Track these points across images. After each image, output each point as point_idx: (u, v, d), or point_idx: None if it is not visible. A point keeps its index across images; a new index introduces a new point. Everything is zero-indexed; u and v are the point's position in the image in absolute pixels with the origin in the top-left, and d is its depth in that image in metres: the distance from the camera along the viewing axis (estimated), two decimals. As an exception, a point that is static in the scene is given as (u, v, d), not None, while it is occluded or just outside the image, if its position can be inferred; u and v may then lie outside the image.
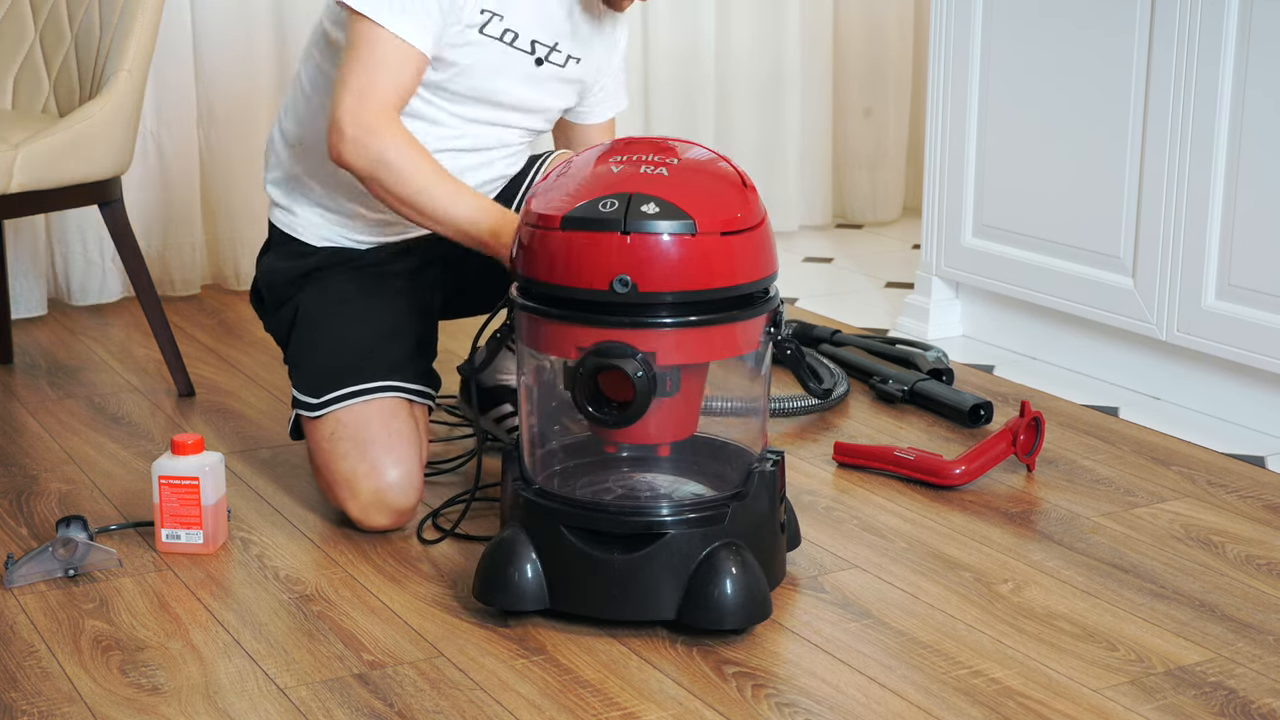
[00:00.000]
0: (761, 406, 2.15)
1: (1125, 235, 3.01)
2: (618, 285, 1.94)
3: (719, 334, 2.02)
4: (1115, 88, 2.98)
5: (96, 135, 2.86)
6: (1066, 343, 3.22)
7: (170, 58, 3.66)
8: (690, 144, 2.13)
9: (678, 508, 2.05)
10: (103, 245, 3.67)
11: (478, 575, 2.08)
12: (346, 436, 2.35)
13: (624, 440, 2.10)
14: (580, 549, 2.02)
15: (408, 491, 2.35)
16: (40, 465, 2.67)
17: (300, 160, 2.48)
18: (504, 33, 2.34)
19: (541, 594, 2.04)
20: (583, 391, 1.97)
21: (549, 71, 2.42)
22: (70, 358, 3.31)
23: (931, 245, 3.43)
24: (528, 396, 2.16)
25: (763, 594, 2.03)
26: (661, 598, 2.02)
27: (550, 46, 2.40)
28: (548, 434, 2.20)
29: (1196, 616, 2.12)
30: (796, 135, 4.41)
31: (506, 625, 2.07)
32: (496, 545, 2.07)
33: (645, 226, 1.94)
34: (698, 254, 1.96)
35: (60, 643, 2.04)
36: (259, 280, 2.56)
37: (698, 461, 2.20)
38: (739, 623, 2.01)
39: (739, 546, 2.03)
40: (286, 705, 1.88)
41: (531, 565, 2.04)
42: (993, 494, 2.54)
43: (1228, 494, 2.54)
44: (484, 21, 2.32)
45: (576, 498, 2.10)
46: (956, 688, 1.93)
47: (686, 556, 2.02)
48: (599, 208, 1.96)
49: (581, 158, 2.09)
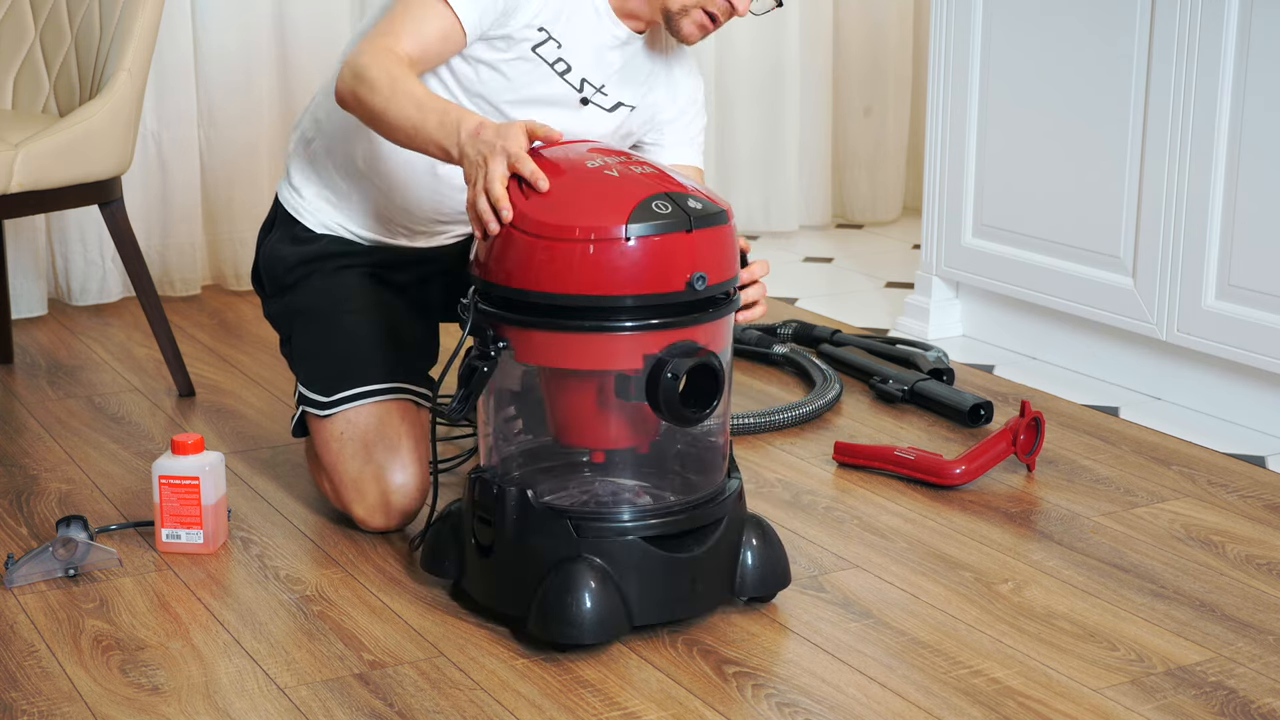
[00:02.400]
0: None
1: (1125, 235, 3.01)
2: (696, 283, 1.94)
3: (726, 324, 2.05)
4: (1115, 87, 2.98)
5: (96, 135, 2.86)
6: (1066, 343, 3.22)
7: (170, 58, 3.65)
8: (594, 141, 2.15)
9: (720, 493, 2.08)
10: (103, 245, 3.67)
11: (539, 612, 1.99)
12: (355, 437, 2.34)
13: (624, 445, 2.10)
14: (660, 555, 2.02)
15: (414, 495, 2.35)
16: (40, 465, 2.67)
17: (319, 144, 2.45)
18: (556, 60, 2.29)
19: (621, 617, 2.00)
20: (670, 395, 1.95)
21: (593, 113, 2.36)
22: (70, 358, 3.31)
23: (931, 245, 3.43)
24: (514, 425, 2.14)
25: (782, 551, 2.15)
26: (724, 580, 2.08)
27: (597, 88, 2.34)
28: (541, 453, 2.18)
29: (1196, 616, 2.12)
30: (796, 135, 4.41)
31: (506, 625, 2.07)
32: (561, 577, 1.98)
33: (707, 222, 1.96)
34: (734, 244, 2.03)
35: (60, 643, 2.04)
36: (259, 263, 2.54)
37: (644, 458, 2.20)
38: (782, 582, 2.14)
39: (756, 518, 2.14)
40: (286, 705, 1.88)
41: (606, 590, 1.98)
42: (993, 494, 2.54)
43: (1228, 494, 2.54)
44: (540, 40, 2.27)
45: (641, 506, 2.08)
46: (957, 688, 1.93)
47: (736, 536, 2.09)
48: (653, 208, 1.94)
49: (549, 168, 2.01)
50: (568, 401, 2.07)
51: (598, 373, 2.01)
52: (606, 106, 2.36)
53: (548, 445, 2.15)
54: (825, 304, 3.74)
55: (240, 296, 3.78)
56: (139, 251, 2.99)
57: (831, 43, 4.47)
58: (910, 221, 4.56)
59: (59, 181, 2.83)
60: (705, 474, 2.12)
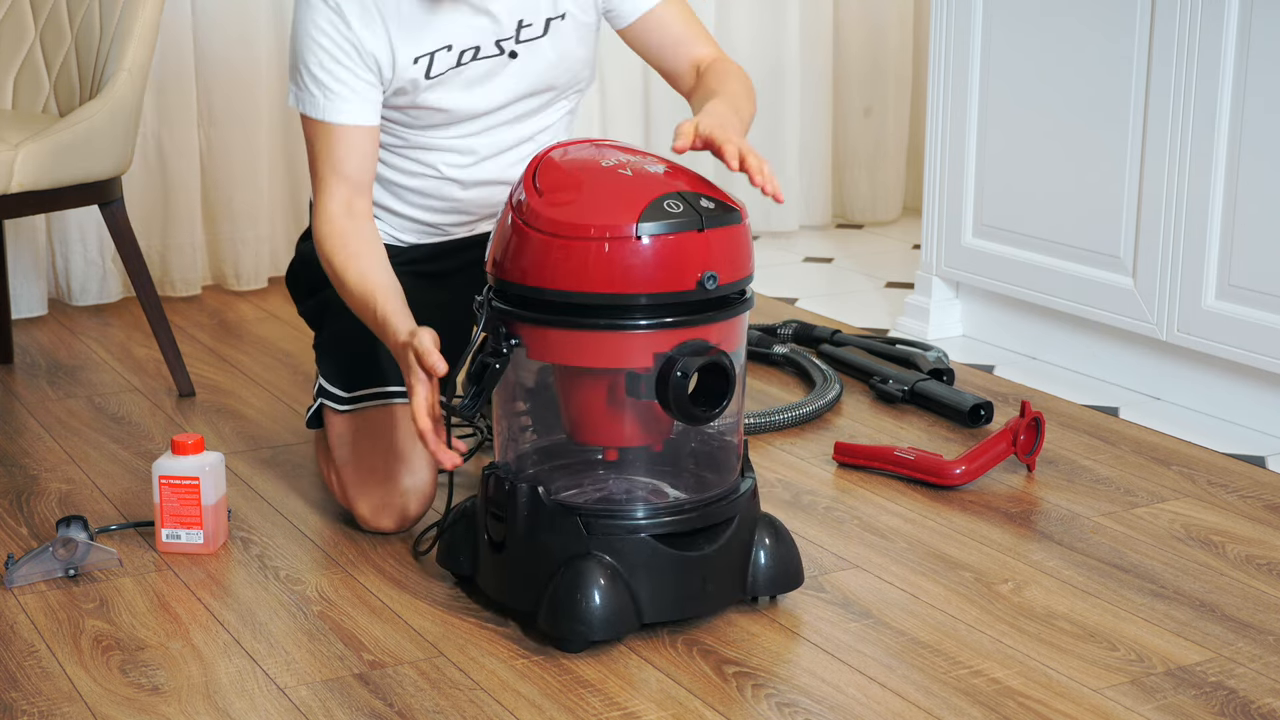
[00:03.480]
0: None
1: (1125, 235, 3.01)
2: (707, 282, 1.94)
3: (739, 324, 2.05)
4: (1115, 87, 2.98)
5: (96, 135, 2.86)
6: (1066, 343, 3.22)
7: (170, 58, 3.66)
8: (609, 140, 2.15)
9: (732, 491, 2.08)
10: (103, 245, 3.67)
11: (549, 608, 1.99)
12: (370, 435, 2.34)
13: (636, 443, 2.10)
14: (671, 554, 2.02)
15: (420, 499, 2.35)
16: (40, 465, 2.67)
17: None
18: (460, 55, 2.26)
19: (631, 615, 2.00)
20: (680, 393, 1.95)
21: (531, 51, 2.30)
22: (70, 358, 3.31)
23: (931, 245, 3.43)
24: (525, 421, 2.14)
25: (795, 551, 2.15)
26: (736, 579, 2.09)
27: (514, 34, 2.28)
28: (555, 451, 2.18)
29: (1196, 616, 2.12)
30: (796, 134, 4.41)
31: (507, 625, 2.08)
32: (572, 574, 1.98)
33: (720, 221, 1.96)
34: (748, 243, 2.03)
35: (60, 643, 2.04)
36: (296, 263, 2.54)
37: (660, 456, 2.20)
38: (794, 582, 2.13)
39: (769, 517, 2.14)
40: (286, 705, 1.88)
41: (615, 588, 1.99)
42: (993, 494, 2.54)
43: (1228, 494, 2.54)
44: (426, 66, 2.25)
45: (651, 504, 2.08)
46: (956, 688, 1.93)
47: (748, 534, 2.10)
48: (665, 207, 1.94)
49: (563, 166, 2.02)
50: (580, 399, 2.08)
51: (609, 371, 2.02)
52: (535, 36, 2.30)
53: (563, 443, 2.16)
54: (825, 304, 3.74)
55: (240, 296, 3.78)
56: (139, 251, 2.99)
57: (831, 43, 4.47)
58: (910, 221, 4.56)
59: (59, 181, 2.83)
60: (719, 473, 2.12)
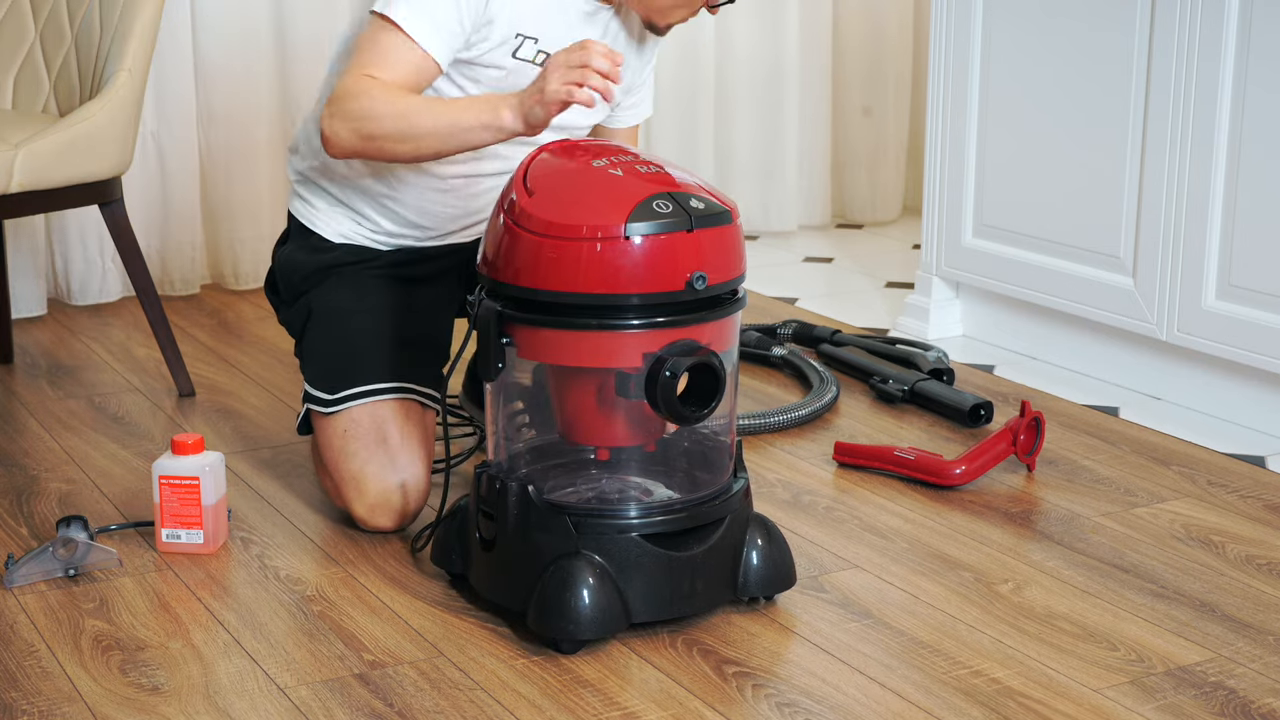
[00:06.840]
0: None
1: (1125, 235, 3.01)
2: (696, 282, 1.95)
3: (730, 324, 2.05)
4: (1116, 87, 2.98)
5: (96, 135, 2.86)
6: (1066, 343, 3.22)
7: (170, 58, 3.66)
8: (606, 142, 2.15)
9: (723, 492, 2.08)
10: (103, 245, 3.67)
11: (538, 607, 2.00)
12: (359, 435, 2.35)
13: (627, 443, 2.10)
14: (659, 553, 2.02)
15: (415, 495, 2.35)
16: (40, 465, 2.67)
17: (319, 158, 2.46)
18: (537, 55, 2.30)
19: (619, 614, 2.00)
20: (668, 393, 1.96)
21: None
22: (70, 358, 3.31)
23: (931, 245, 3.43)
24: (518, 421, 2.14)
25: (787, 552, 2.15)
26: (726, 579, 2.08)
27: None
28: (548, 450, 2.18)
29: (1196, 616, 2.12)
30: (796, 135, 4.41)
31: (506, 625, 2.08)
32: (560, 573, 1.98)
33: (709, 222, 1.97)
34: (739, 244, 2.03)
35: (60, 643, 2.04)
36: (275, 271, 2.54)
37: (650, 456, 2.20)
38: (786, 583, 2.13)
39: (761, 518, 2.15)
40: (286, 705, 1.88)
41: (604, 587, 1.99)
42: (993, 494, 2.54)
43: (1228, 494, 2.54)
44: (517, 45, 2.28)
45: (641, 504, 2.08)
46: (956, 688, 1.93)
47: (739, 535, 2.10)
48: (654, 208, 1.95)
49: (554, 167, 2.03)
50: (572, 399, 2.08)
51: (599, 371, 2.02)
52: None
53: (555, 442, 2.16)
54: (825, 304, 3.74)
55: (240, 296, 3.78)
56: (139, 251, 2.99)
57: (831, 43, 4.47)
58: (910, 221, 4.56)
59: (59, 181, 2.83)
60: (711, 473, 2.12)
